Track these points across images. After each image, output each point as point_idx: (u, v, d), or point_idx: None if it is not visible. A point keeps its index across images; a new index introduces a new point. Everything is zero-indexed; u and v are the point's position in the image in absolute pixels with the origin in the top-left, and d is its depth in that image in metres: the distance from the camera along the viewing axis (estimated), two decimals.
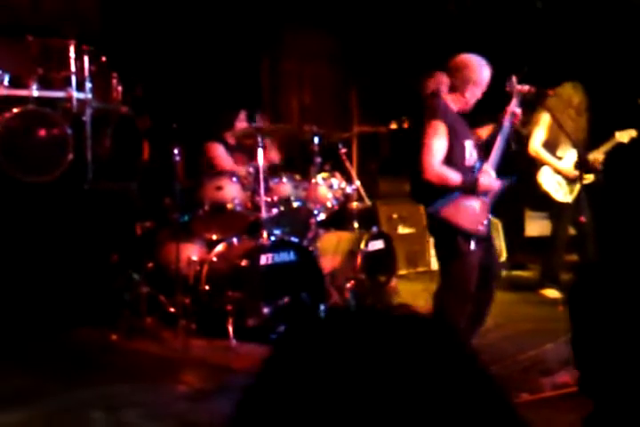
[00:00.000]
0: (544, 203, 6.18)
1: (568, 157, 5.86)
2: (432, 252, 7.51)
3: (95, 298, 4.82)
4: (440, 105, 3.77)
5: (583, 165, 5.37)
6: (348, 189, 5.52)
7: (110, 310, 4.75)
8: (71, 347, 4.48)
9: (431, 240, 7.51)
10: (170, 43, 6.37)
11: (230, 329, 4.48)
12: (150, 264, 4.82)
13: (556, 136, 5.75)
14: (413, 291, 6.35)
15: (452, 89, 3.83)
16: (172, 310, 4.69)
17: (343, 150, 5.71)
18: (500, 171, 3.89)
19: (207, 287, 4.71)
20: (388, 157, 8.00)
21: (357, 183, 5.69)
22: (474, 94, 3.83)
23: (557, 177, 5.82)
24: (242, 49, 7.10)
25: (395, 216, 7.07)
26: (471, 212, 3.74)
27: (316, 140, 5.31)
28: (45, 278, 4.78)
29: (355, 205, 5.67)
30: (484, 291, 3.93)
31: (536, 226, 7.48)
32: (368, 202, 5.77)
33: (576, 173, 5.67)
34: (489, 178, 3.79)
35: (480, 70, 3.82)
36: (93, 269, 4.95)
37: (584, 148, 5.69)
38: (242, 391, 0.77)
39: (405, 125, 7.32)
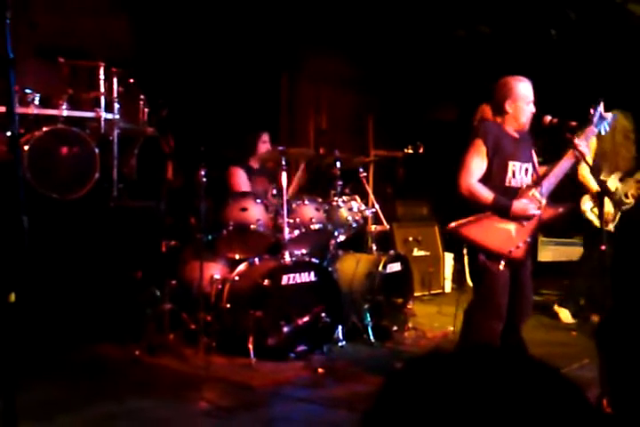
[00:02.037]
0: (557, 229, 6.22)
1: (610, 182, 5.84)
2: (446, 274, 7.59)
3: (119, 314, 4.90)
4: (484, 126, 3.89)
5: (605, 192, 5.39)
6: (367, 212, 5.61)
7: (134, 326, 4.82)
8: (95, 361, 4.55)
9: (446, 262, 7.64)
10: (193, 66, 6.52)
11: (251, 347, 4.55)
12: (174, 282, 4.89)
13: (599, 161, 5.72)
14: (428, 313, 6.42)
15: (496, 111, 3.94)
16: (194, 327, 4.76)
17: (363, 174, 5.80)
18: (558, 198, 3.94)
19: (228, 306, 4.79)
20: (403, 181, 8.10)
21: (376, 206, 5.78)
22: (518, 110, 3.89)
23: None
24: (262, 74, 7.25)
25: (410, 239, 7.17)
26: (504, 234, 3.79)
27: (338, 164, 5.42)
28: (71, 294, 4.86)
29: (373, 227, 5.77)
30: (516, 313, 3.96)
31: (549, 252, 7.54)
32: (386, 225, 5.85)
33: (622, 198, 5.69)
34: (526, 204, 3.81)
35: (513, 85, 3.91)
36: (118, 285, 5.03)
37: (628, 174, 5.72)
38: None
39: (420, 150, 7.41)
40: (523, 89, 3.91)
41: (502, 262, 3.77)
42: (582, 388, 0.82)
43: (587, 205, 5.79)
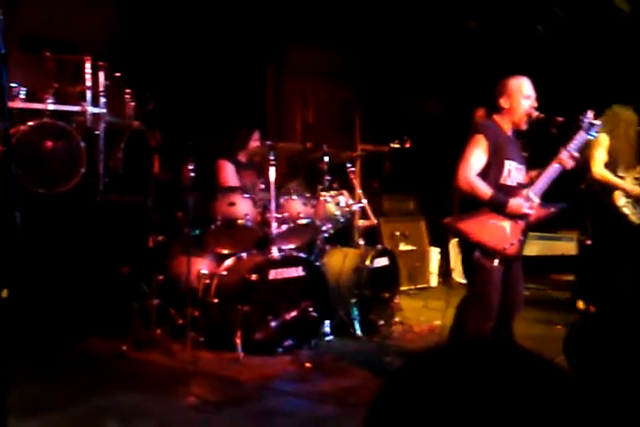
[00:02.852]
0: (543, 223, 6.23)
1: (629, 177, 5.71)
2: (432, 269, 7.63)
3: (106, 309, 4.88)
4: (485, 123, 3.95)
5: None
6: (355, 207, 5.63)
7: (121, 320, 4.81)
8: (83, 356, 4.55)
9: (432, 257, 7.68)
10: (179, 60, 6.49)
11: (238, 342, 4.56)
12: (161, 277, 4.89)
13: (615, 157, 5.64)
14: (414, 307, 6.46)
15: (494, 110, 3.98)
16: (181, 322, 4.76)
17: (351, 169, 5.81)
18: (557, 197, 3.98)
19: (216, 301, 4.79)
20: (390, 175, 8.11)
21: (364, 201, 5.79)
22: (514, 104, 3.91)
23: (629, 199, 5.65)
24: (248, 67, 7.22)
25: (397, 233, 7.20)
26: (499, 231, 3.82)
27: (326, 159, 5.43)
28: (58, 289, 4.85)
29: (360, 222, 5.78)
30: (508, 308, 4.00)
31: (534, 246, 7.58)
32: (374, 220, 5.86)
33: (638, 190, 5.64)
34: (521, 202, 3.84)
35: (507, 82, 3.95)
36: (105, 280, 5.02)
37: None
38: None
39: (407, 145, 7.42)
40: (517, 84, 3.94)
41: (497, 259, 3.80)
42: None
43: (621, 200, 5.62)
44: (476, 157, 3.82)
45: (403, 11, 7.50)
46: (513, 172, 3.92)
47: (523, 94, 3.91)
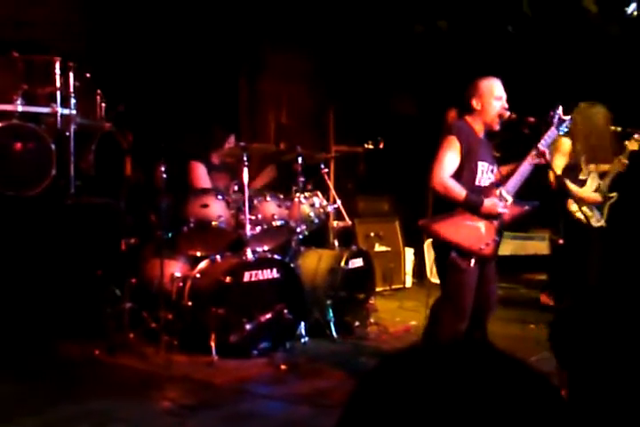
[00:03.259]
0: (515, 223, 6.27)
1: (591, 181, 5.78)
2: (407, 269, 7.65)
3: (78, 313, 4.82)
4: (457, 124, 3.95)
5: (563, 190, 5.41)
6: (329, 208, 5.62)
7: (93, 324, 4.76)
8: (55, 361, 4.47)
9: (407, 258, 7.70)
10: (152, 61, 6.43)
11: (213, 345, 4.53)
12: (134, 280, 4.84)
13: (578, 160, 5.67)
14: (389, 308, 6.47)
15: (466, 111, 3.99)
16: (155, 325, 4.71)
17: (325, 170, 5.80)
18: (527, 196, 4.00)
19: (190, 303, 4.75)
20: (364, 176, 8.13)
21: (338, 202, 5.78)
22: (485, 105, 3.93)
23: (585, 204, 5.64)
24: (220, 68, 7.18)
25: (371, 234, 7.21)
26: (475, 232, 3.83)
27: (300, 160, 5.41)
28: (29, 293, 4.77)
29: (335, 223, 5.78)
30: (482, 308, 4.02)
31: (506, 246, 7.64)
32: (348, 221, 5.86)
33: (596, 196, 5.71)
34: (495, 202, 3.86)
35: (479, 83, 3.97)
36: (77, 283, 4.95)
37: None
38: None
39: (381, 145, 7.44)
40: (488, 85, 3.96)
41: (473, 260, 3.82)
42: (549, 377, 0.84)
43: (574, 206, 5.61)
44: (450, 158, 3.83)
45: (375, 12, 7.51)
46: (486, 173, 3.94)
47: (494, 95, 3.94)
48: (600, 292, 1.56)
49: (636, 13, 6.96)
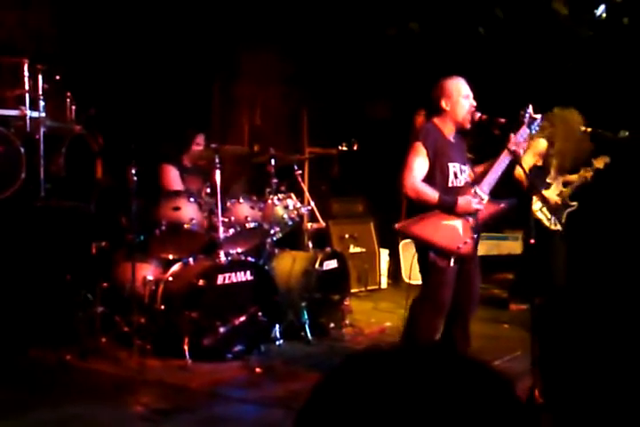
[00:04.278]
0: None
1: (554, 187, 5.89)
2: (382, 270, 7.66)
3: (49, 318, 4.75)
4: (424, 129, 3.96)
5: (532, 190, 5.45)
6: (303, 210, 5.60)
7: (65, 329, 4.69)
8: (25, 367, 4.41)
9: (382, 258, 7.71)
10: (123, 63, 6.37)
11: (186, 349, 4.49)
12: (105, 284, 4.79)
13: (548, 163, 5.77)
14: (364, 309, 6.47)
15: (435, 112, 4.01)
16: (127, 329, 4.66)
17: (298, 172, 5.79)
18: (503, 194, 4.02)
19: (163, 307, 4.71)
20: (338, 178, 8.12)
21: (312, 204, 5.77)
22: (455, 105, 3.95)
23: (545, 205, 5.80)
24: (194, 70, 7.14)
25: (346, 236, 7.20)
26: (451, 231, 3.85)
27: (273, 161, 5.39)
28: None
29: (309, 225, 5.76)
30: (464, 306, 4.05)
31: (480, 246, 7.67)
32: (322, 222, 5.85)
33: (558, 200, 5.76)
34: (470, 200, 3.87)
35: (445, 83, 3.99)
36: (47, 288, 4.88)
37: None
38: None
39: (355, 147, 7.45)
40: (455, 85, 3.99)
41: (452, 259, 3.83)
42: (512, 380, 0.84)
43: (537, 205, 5.80)
44: (418, 163, 3.86)
45: (348, 15, 7.52)
46: (459, 173, 3.96)
47: (462, 94, 3.96)
48: (570, 292, 1.56)
49: (605, 16, 7.06)
